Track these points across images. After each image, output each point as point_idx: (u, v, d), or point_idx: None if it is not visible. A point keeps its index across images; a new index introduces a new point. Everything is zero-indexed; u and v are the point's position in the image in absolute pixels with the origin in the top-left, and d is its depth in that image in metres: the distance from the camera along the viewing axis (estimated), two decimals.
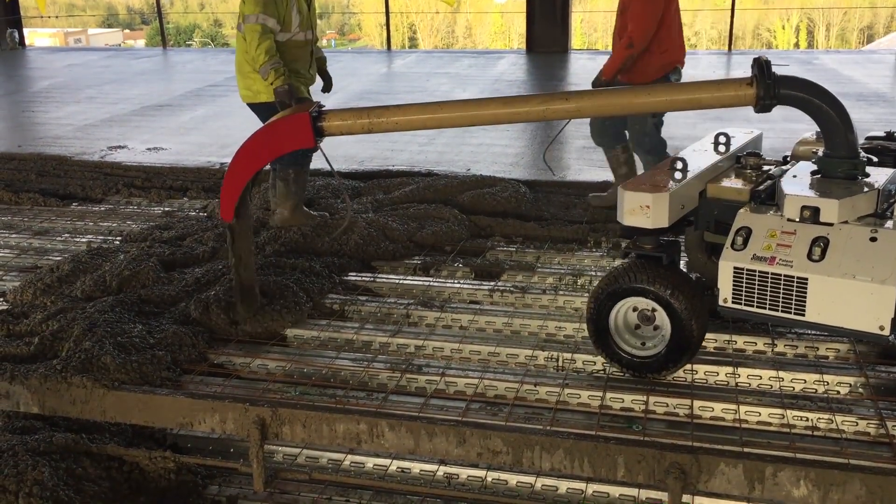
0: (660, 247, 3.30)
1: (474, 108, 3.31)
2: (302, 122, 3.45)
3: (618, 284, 3.26)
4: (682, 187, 3.28)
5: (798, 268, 2.95)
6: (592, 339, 3.39)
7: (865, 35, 39.23)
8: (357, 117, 3.40)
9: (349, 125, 3.41)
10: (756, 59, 3.14)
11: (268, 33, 4.75)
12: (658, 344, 3.29)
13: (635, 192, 3.20)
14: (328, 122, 3.42)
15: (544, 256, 4.78)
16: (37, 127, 9.19)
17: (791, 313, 2.99)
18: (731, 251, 3.09)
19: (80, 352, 3.36)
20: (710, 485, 2.52)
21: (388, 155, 7.39)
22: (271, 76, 4.75)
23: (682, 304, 3.16)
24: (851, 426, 3.04)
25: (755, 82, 3.10)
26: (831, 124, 3.13)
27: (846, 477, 2.43)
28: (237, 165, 3.57)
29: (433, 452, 2.77)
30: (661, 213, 3.16)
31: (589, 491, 2.82)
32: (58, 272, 4.42)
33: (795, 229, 3.02)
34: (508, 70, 12.47)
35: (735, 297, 3.10)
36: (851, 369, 3.39)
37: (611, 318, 3.32)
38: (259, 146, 3.54)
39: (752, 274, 3.03)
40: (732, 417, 3.12)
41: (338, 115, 3.44)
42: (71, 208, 6.09)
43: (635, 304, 3.28)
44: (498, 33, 38.00)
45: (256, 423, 2.85)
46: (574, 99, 3.20)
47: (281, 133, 3.51)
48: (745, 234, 3.09)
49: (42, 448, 3.05)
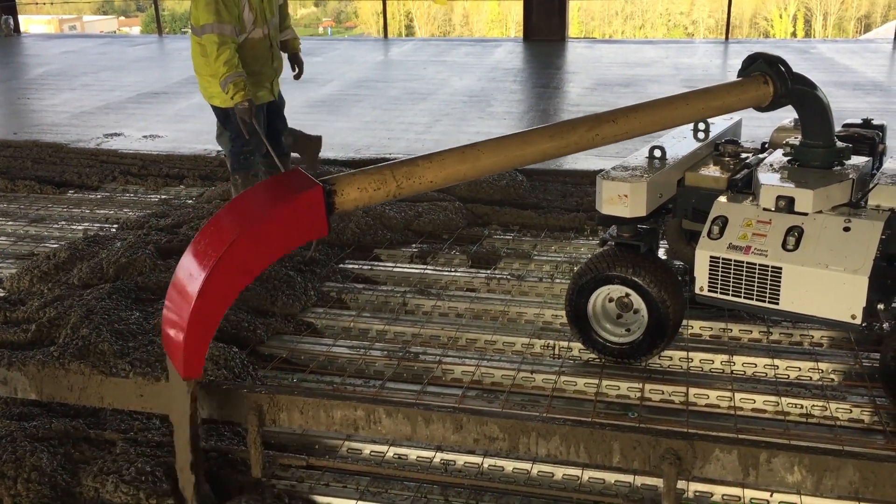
0: (637, 235, 3.31)
1: (518, 146, 2.85)
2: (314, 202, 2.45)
3: (595, 273, 3.28)
4: (660, 175, 3.28)
5: (772, 257, 2.97)
6: (571, 326, 3.42)
7: (863, 24, 39.19)
8: (380, 183, 2.57)
9: (370, 196, 2.57)
10: (762, 56, 3.12)
11: (227, 43, 4.59)
12: (636, 331, 3.31)
13: (613, 181, 3.21)
14: (343, 195, 2.53)
15: (541, 244, 4.79)
16: (32, 114, 9.16)
17: (765, 302, 3.02)
18: (707, 240, 3.11)
19: (77, 339, 3.36)
20: (704, 470, 2.54)
21: (385, 143, 7.38)
22: (230, 90, 4.61)
23: (658, 292, 3.18)
24: (846, 413, 3.06)
25: (771, 80, 3.09)
26: (819, 113, 3.13)
27: (840, 463, 2.44)
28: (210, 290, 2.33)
29: (430, 439, 2.78)
30: (638, 202, 3.18)
31: (585, 477, 2.84)
32: (54, 259, 4.42)
33: (771, 218, 3.03)
34: (505, 58, 12.44)
35: (711, 285, 3.12)
36: (846, 357, 3.41)
37: (589, 306, 3.34)
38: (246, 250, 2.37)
39: (728, 263, 3.06)
40: (727, 405, 3.14)
41: (353, 182, 2.55)
42: (67, 196, 6.08)
43: (613, 291, 3.30)
44: (495, 21, 37.90)
45: (254, 409, 2.86)
46: (622, 121, 3.01)
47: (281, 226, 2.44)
48: (721, 224, 3.10)
49: (40, 434, 3.06)
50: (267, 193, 2.55)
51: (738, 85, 3.16)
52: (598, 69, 11.20)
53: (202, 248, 2.43)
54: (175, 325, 2.42)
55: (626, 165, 3.37)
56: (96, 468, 2.85)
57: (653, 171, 3.29)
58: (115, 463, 2.87)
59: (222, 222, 2.47)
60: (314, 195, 2.46)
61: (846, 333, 3.53)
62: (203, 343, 2.42)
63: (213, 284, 2.33)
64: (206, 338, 2.42)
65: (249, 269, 2.42)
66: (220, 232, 2.41)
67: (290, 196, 2.44)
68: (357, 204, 2.57)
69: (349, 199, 2.54)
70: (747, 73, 3.19)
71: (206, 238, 2.45)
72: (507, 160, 2.85)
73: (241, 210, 2.51)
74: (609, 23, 37.67)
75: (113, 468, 2.84)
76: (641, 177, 3.21)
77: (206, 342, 2.43)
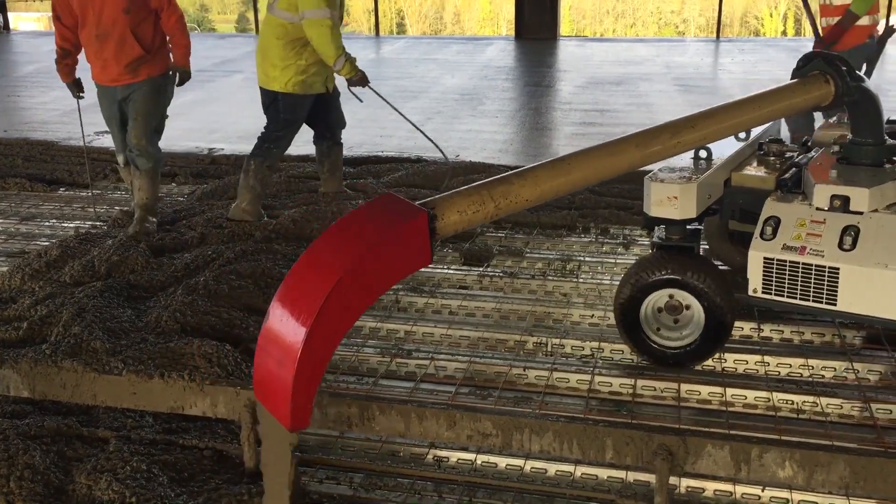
0: (689, 237, 3.28)
1: (606, 158, 2.81)
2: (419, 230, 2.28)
3: (648, 277, 3.22)
4: (709, 176, 3.24)
5: (829, 257, 2.94)
6: (621, 332, 3.36)
7: None
8: (478, 205, 2.47)
9: (469, 219, 2.46)
10: (820, 55, 3.10)
11: (337, 27, 4.84)
12: (690, 335, 3.25)
13: (662, 182, 3.17)
14: (444, 220, 2.39)
15: (533, 242, 4.80)
16: (22, 112, 9.13)
17: (822, 303, 2.99)
18: (760, 241, 3.08)
19: (69, 336, 3.35)
20: (696, 466, 2.56)
21: (378, 141, 7.38)
22: (347, 68, 4.89)
23: (714, 294, 3.13)
24: (836, 409, 3.08)
25: (832, 79, 3.07)
26: (872, 111, 3.11)
27: (831, 458, 2.47)
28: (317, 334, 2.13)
29: (424, 435, 2.80)
30: (689, 203, 3.14)
31: (578, 473, 2.86)
32: (46, 257, 4.41)
33: (825, 218, 3.01)
34: (497, 56, 12.46)
35: (765, 287, 3.08)
36: (836, 354, 3.43)
37: (641, 311, 3.28)
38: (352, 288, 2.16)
39: (783, 264, 3.03)
40: (719, 401, 3.16)
41: (452, 206, 2.42)
42: (58, 193, 6.06)
43: (666, 295, 3.24)
44: (486, 19, 37.89)
45: (248, 406, 2.86)
46: (700, 126, 2.98)
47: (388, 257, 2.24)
48: (773, 224, 3.07)
49: (33, 432, 3.05)
50: (368, 222, 2.30)
51: (802, 85, 3.13)
52: (590, 67, 11.23)
53: (300, 288, 2.21)
54: (277, 377, 2.20)
55: (673, 167, 3.32)
56: (90, 466, 2.85)
57: (701, 171, 3.25)
58: (108, 461, 2.87)
59: (322, 258, 2.24)
60: (420, 222, 2.27)
61: (836, 330, 3.56)
62: (312, 390, 2.20)
63: (321, 328, 2.13)
64: (314, 384, 2.21)
65: (355, 307, 2.21)
66: (321, 270, 2.20)
67: (396, 225, 2.24)
68: (456, 228, 2.44)
69: (450, 224, 2.41)
70: (802, 73, 3.16)
71: (304, 276, 2.24)
72: (597, 172, 2.80)
73: (342, 243, 2.27)
74: (600, 21, 37.73)
75: (107, 466, 2.84)
76: (691, 178, 3.18)
77: (315, 389, 2.21)
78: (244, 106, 9.09)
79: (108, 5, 4.61)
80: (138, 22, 4.69)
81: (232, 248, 4.44)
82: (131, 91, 4.77)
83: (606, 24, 37.25)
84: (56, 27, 4.80)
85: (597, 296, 4.05)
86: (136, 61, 4.71)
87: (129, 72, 4.73)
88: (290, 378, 2.13)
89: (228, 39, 16.38)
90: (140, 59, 4.72)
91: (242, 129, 7.92)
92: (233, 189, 5.75)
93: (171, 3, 4.78)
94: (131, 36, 4.67)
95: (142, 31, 4.71)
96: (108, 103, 4.87)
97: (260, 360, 2.27)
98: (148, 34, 4.75)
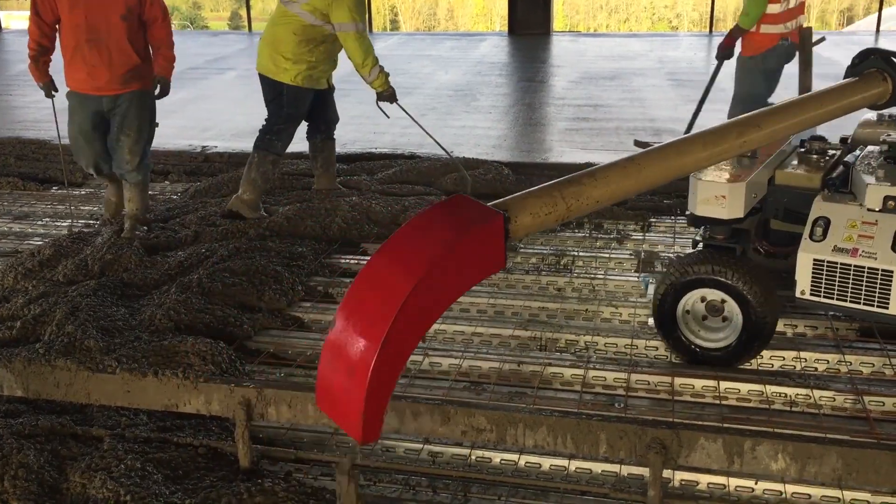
0: (733, 237, 3.25)
1: (676, 157, 2.73)
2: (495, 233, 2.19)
3: (689, 275, 3.19)
4: (756, 176, 3.20)
5: (883, 260, 2.90)
6: (658, 329, 3.35)
7: (845, 17, 39.42)
8: (551, 207, 2.42)
9: (542, 221, 2.42)
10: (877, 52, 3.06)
11: (366, 37, 4.92)
12: (728, 336, 3.23)
13: (710, 181, 3.13)
14: (517, 222, 2.32)
15: (527, 237, 4.80)
16: (15, 111, 9.09)
17: (874, 306, 2.96)
18: (810, 242, 3.04)
19: (63, 335, 3.35)
20: (690, 459, 2.56)
21: (371, 137, 7.37)
22: (380, 80, 5.01)
23: (755, 295, 3.10)
24: (829, 401, 3.09)
25: (889, 77, 3.03)
26: None
27: (823, 450, 2.48)
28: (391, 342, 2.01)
29: (418, 431, 2.80)
30: (736, 203, 3.10)
31: (572, 468, 2.86)
32: (39, 256, 4.40)
33: (877, 220, 2.97)
34: (490, 52, 12.46)
35: (814, 289, 3.05)
36: (829, 346, 3.45)
37: (679, 309, 3.26)
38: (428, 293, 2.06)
39: (833, 266, 3.00)
40: (713, 394, 3.16)
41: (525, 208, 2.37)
42: (51, 192, 6.05)
43: (704, 295, 3.22)
44: (480, 15, 37.85)
45: (242, 403, 2.86)
46: (766, 125, 2.88)
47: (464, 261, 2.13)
48: (823, 225, 3.03)
49: (27, 431, 3.05)
50: (443, 225, 2.19)
51: (860, 83, 3.09)
52: (583, 63, 11.23)
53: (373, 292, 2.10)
54: (346, 390, 2.09)
55: (718, 165, 3.27)
56: (84, 465, 2.85)
57: (745, 169, 3.20)
58: (102, 459, 2.87)
59: (396, 262, 2.14)
60: (496, 225, 2.17)
61: (828, 322, 3.57)
62: (384, 403, 2.09)
63: (395, 337, 2.01)
64: (386, 396, 2.09)
65: (430, 314, 2.11)
66: (396, 274, 2.09)
67: (472, 227, 2.14)
68: (529, 231, 2.35)
69: (523, 227, 2.31)
70: (857, 70, 3.14)
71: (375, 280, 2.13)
72: (667, 172, 2.74)
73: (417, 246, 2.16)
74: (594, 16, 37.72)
75: (101, 465, 2.84)
76: (739, 177, 3.14)
77: (387, 401, 2.10)
78: (237, 103, 9.07)
79: (104, 9, 4.52)
80: (134, 30, 4.62)
81: (226, 246, 4.44)
82: (119, 103, 4.65)
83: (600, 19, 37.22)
84: (35, 23, 4.62)
85: (591, 290, 4.06)
86: (132, 71, 4.64)
87: (122, 82, 4.62)
88: (363, 391, 2.02)
89: (221, 37, 16.35)
90: (135, 68, 4.65)
91: (236, 127, 7.91)
92: (226, 187, 5.75)
93: (164, 16, 4.73)
94: (128, 44, 4.59)
95: (136, 40, 4.65)
96: (87, 113, 4.68)
97: (325, 369, 2.15)
98: (141, 44, 4.69)
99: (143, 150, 4.79)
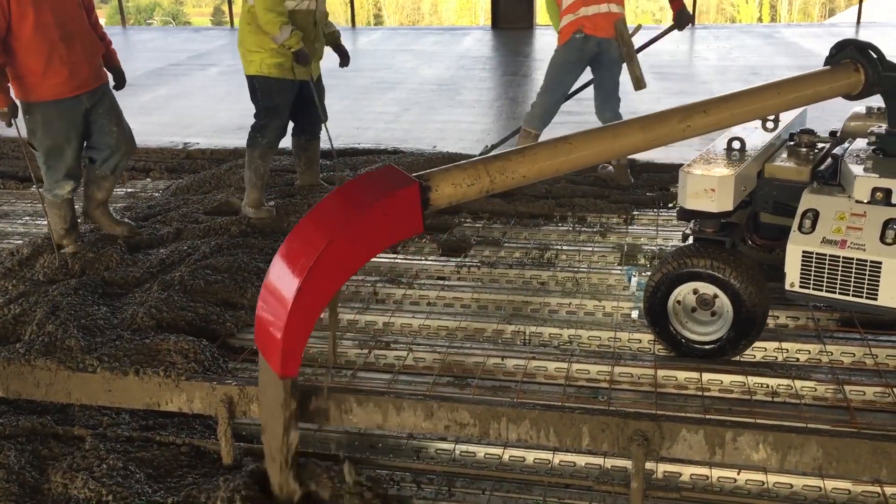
0: (722, 230, 3.25)
1: (609, 139, 2.80)
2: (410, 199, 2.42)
3: (678, 269, 3.20)
4: (745, 169, 3.20)
5: (871, 251, 2.91)
6: (649, 324, 3.35)
7: (827, 9, 39.62)
8: (473, 178, 2.53)
9: (464, 192, 2.53)
10: (852, 42, 3.06)
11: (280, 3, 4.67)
12: (717, 330, 3.24)
13: (700, 174, 3.13)
14: (437, 191, 2.48)
15: (511, 231, 4.81)
16: None
17: (863, 298, 2.96)
18: (798, 234, 3.04)
19: (43, 335, 3.32)
20: (672, 451, 2.57)
21: (355, 133, 7.35)
22: (294, 38, 4.68)
23: (746, 288, 3.10)
24: (810, 391, 3.11)
25: (862, 68, 3.03)
26: None
27: (803, 440, 2.49)
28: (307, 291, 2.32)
29: (401, 426, 2.79)
30: (726, 196, 3.09)
31: (556, 461, 2.87)
32: (18, 256, 4.36)
33: (865, 211, 2.97)
34: (474, 46, 12.44)
35: (803, 281, 3.06)
36: (810, 336, 3.47)
37: (669, 303, 3.26)
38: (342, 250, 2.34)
39: (822, 258, 3.00)
40: (696, 386, 3.18)
41: (447, 178, 2.51)
42: (31, 191, 5.99)
43: (697, 288, 3.22)
44: (463, 10, 37.78)
45: (224, 401, 2.85)
46: (713, 111, 2.93)
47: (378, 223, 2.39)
48: (812, 217, 3.04)
49: (7, 431, 3.03)
50: (362, 190, 2.47)
51: (829, 73, 3.09)
52: None
53: (297, 247, 2.40)
54: (271, 325, 2.40)
55: (707, 158, 3.28)
56: (65, 465, 2.82)
57: (734, 163, 3.21)
58: (84, 459, 2.85)
59: (317, 221, 2.43)
60: (411, 192, 2.40)
61: (810, 313, 3.59)
62: (301, 343, 2.41)
63: (311, 285, 2.32)
64: (303, 337, 2.41)
65: (345, 268, 2.40)
66: (316, 231, 2.39)
67: (387, 193, 2.38)
68: (451, 200, 2.52)
69: (443, 196, 2.50)
70: (835, 60, 3.13)
71: (301, 237, 2.43)
72: (599, 153, 2.79)
73: (335, 208, 2.44)
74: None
75: (83, 465, 2.82)
76: (728, 170, 3.14)
77: (304, 342, 2.43)
78: (219, 100, 9.03)
79: (65, 1, 4.22)
80: (87, 17, 4.41)
81: (208, 243, 4.42)
82: (98, 96, 4.45)
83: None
84: None
85: (574, 284, 4.07)
86: (100, 60, 4.48)
87: (97, 74, 4.44)
88: (282, 328, 2.32)
89: (203, 33, 16.25)
90: (101, 57, 4.51)
91: (217, 124, 7.86)
92: (208, 183, 5.72)
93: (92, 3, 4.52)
94: (92, 32, 4.41)
95: (93, 27, 4.46)
96: (72, 118, 4.32)
97: (260, 310, 2.46)
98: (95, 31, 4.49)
99: None
